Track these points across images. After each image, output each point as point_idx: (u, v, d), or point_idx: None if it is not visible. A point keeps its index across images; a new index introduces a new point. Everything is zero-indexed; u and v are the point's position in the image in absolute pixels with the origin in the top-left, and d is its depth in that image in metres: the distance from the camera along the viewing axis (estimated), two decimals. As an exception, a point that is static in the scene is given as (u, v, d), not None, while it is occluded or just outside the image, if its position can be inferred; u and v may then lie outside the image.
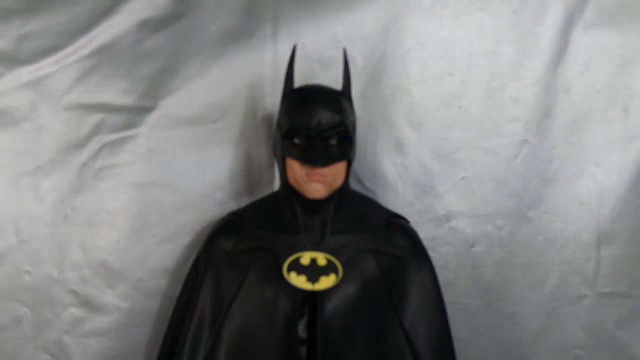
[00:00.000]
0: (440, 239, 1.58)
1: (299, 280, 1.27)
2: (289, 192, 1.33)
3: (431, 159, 1.58)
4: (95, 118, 1.56)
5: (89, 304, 1.57)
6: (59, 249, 1.57)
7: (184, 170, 1.57)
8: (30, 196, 1.56)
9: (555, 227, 1.59)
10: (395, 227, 1.38)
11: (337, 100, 1.31)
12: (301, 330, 1.28)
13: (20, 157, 1.55)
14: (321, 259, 1.29)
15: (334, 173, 1.29)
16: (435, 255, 1.49)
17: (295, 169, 1.28)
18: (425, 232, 1.48)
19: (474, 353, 1.57)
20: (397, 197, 1.57)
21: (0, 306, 1.56)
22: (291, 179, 1.31)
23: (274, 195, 1.43)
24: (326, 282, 1.27)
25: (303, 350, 1.28)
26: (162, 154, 1.57)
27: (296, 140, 1.28)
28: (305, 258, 1.29)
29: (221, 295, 1.31)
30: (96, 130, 1.56)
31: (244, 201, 1.57)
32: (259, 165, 1.61)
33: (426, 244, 1.44)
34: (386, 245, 1.33)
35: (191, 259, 1.48)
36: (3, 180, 1.55)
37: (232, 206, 1.56)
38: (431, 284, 1.35)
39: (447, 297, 1.43)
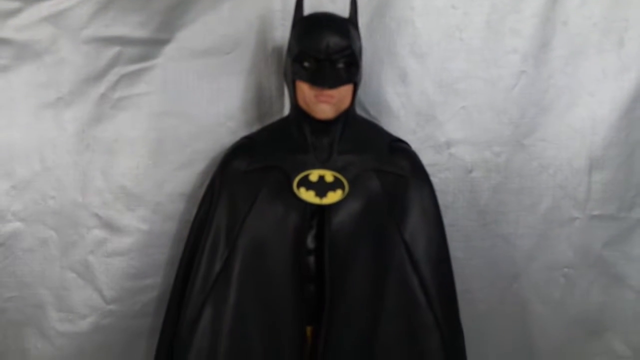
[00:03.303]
0: (441, 165, 1.66)
1: (308, 195, 1.37)
2: (299, 115, 1.41)
3: (433, 88, 1.66)
4: (112, 51, 1.62)
5: (111, 226, 1.67)
6: (81, 176, 1.66)
7: (198, 100, 1.65)
8: (52, 126, 1.64)
9: (549, 153, 1.67)
10: (398, 149, 1.47)
11: (345, 26, 1.39)
12: (310, 242, 1.39)
13: (42, 89, 1.62)
14: (329, 176, 1.38)
15: (341, 95, 1.37)
16: (435, 180, 1.56)
17: (305, 91, 1.37)
18: (426, 158, 1.55)
19: (470, 272, 1.68)
20: (400, 125, 1.64)
21: (28, 229, 1.66)
22: (301, 102, 1.40)
23: (284, 119, 1.52)
24: (333, 197, 1.37)
25: (311, 259, 1.39)
26: (177, 85, 1.64)
27: (306, 64, 1.36)
28: (314, 175, 1.39)
29: (236, 212, 1.41)
30: (114, 63, 1.63)
31: (255, 130, 1.63)
32: (269, 95, 1.69)
33: (427, 169, 1.53)
34: (389, 165, 1.42)
35: (205, 184, 1.57)
36: (26, 111, 1.62)
37: (243, 135, 1.62)
38: (430, 202, 1.45)
39: (446, 220, 1.53)
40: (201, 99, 1.65)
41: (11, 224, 1.64)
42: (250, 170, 1.43)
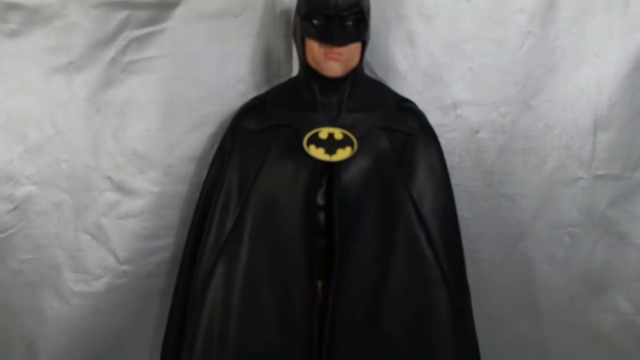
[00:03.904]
0: (447, 126, 1.68)
1: (317, 152, 1.40)
2: (308, 73, 1.44)
3: (440, 50, 1.67)
4: (121, 15, 1.64)
5: (123, 189, 1.70)
6: (93, 139, 1.69)
7: (207, 64, 1.67)
8: (64, 90, 1.66)
9: (555, 114, 1.68)
10: (406, 108, 1.50)
11: (353, -16, 1.41)
12: (320, 199, 1.43)
13: (52, 54, 1.64)
14: (338, 133, 1.42)
15: (350, 53, 1.39)
16: (442, 141, 1.57)
17: (314, 49, 1.39)
18: (433, 119, 1.58)
19: (476, 231, 1.70)
20: (407, 87, 1.65)
21: (42, 193, 1.69)
22: (310, 60, 1.42)
23: (293, 79, 1.55)
24: (342, 154, 1.40)
25: (321, 216, 1.43)
26: (186, 48, 1.66)
27: (315, 22, 1.38)
28: (324, 133, 1.42)
29: (247, 170, 1.45)
30: (123, 27, 1.65)
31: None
32: (277, 58, 1.71)
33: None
34: (397, 124, 1.45)
35: (216, 146, 1.61)
36: (38, 75, 1.65)
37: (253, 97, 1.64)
38: (438, 160, 1.48)
39: (453, 180, 1.56)
40: (210, 62, 1.67)
41: (25, 187, 1.68)
42: (260, 130, 1.46)
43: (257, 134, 1.45)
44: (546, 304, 1.75)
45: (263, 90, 1.67)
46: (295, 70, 1.61)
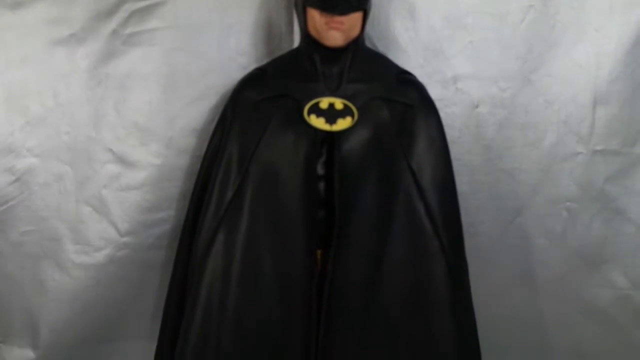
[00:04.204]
0: (447, 99, 1.68)
1: (318, 122, 1.41)
2: (309, 43, 1.45)
3: (441, 23, 1.67)
4: (123, -14, 1.66)
5: (124, 161, 1.71)
6: (94, 111, 1.69)
7: (209, 36, 1.68)
8: (65, 62, 1.67)
9: (554, 89, 1.69)
10: (406, 80, 1.51)
11: (355, -48, 1.41)
12: (320, 168, 1.43)
13: (54, 26, 1.64)
14: (338, 103, 1.42)
15: (351, 23, 1.40)
16: (442, 115, 1.57)
17: (316, 18, 1.39)
18: (433, 93, 1.57)
19: (474, 205, 1.72)
20: (408, 60, 1.65)
21: (43, 165, 1.70)
22: (311, 29, 1.43)
23: (294, 50, 1.55)
24: (343, 123, 1.41)
25: (321, 185, 1.44)
26: (188, 21, 1.66)
27: (316, -10, 1.39)
28: (324, 103, 1.42)
29: (247, 140, 1.45)
30: (124, -1, 1.67)
31: (266, 64, 1.69)
32: (279, 31, 1.71)
33: (433, 103, 1.57)
34: (398, 95, 1.46)
35: (217, 119, 1.60)
36: (39, 48, 1.65)
37: (254, 70, 1.69)
38: (437, 132, 1.49)
39: (452, 154, 1.56)
40: (212, 35, 1.67)
41: (26, 159, 1.69)
42: (261, 100, 1.46)
43: (258, 104, 1.46)
44: (543, 278, 1.76)
45: (264, 62, 1.65)
46: (296, 43, 1.61)
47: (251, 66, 1.66)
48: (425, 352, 1.45)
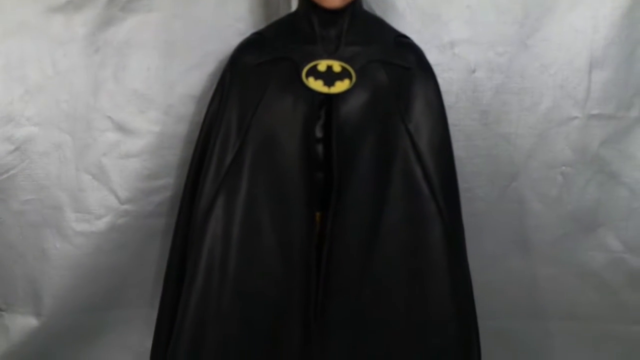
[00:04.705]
0: (444, 64, 1.68)
1: (316, 84, 1.41)
2: (307, 7, 1.44)
3: (438, -12, 1.69)
4: (120, -48, 1.65)
5: (123, 129, 1.71)
6: (93, 79, 1.69)
7: (206, 2, 1.67)
8: (63, 30, 1.66)
9: (551, 54, 1.69)
10: (404, 44, 1.51)
11: None
12: (318, 131, 1.44)
13: (51, -8, 1.65)
14: (336, 66, 1.43)
15: (349, -16, 1.41)
16: (439, 80, 1.57)
17: (314, -21, 1.40)
18: (430, 58, 1.57)
19: (471, 170, 1.73)
20: (405, 25, 1.64)
21: (42, 133, 1.71)
22: (309, -10, 1.43)
23: (292, 14, 1.55)
24: (341, 86, 1.41)
25: (319, 148, 1.45)
26: (186, -14, 1.68)
27: (314, -50, 1.39)
28: (322, 65, 1.43)
29: (246, 104, 1.46)
30: (122, -36, 1.65)
31: (263, 30, 1.69)
32: (276, -4, 1.73)
33: (430, 68, 1.57)
34: (395, 58, 1.46)
35: (215, 85, 1.59)
36: (36, 15, 1.64)
37: (252, 37, 1.68)
38: (435, 95, 1.49)
39: (449, 120, 1.56)
40: (209, 1, 1.67)
41: (26, 128, 1.69)
42: (259, 64, 1.46)
43: (256, 67, 1.46)
44: (538, 241, 1.78)
45: (262, 28, 1.65)
46: (294, 8, 1.58)
47: (249, 32, 1.65)
48: (422, 311, 1.47)
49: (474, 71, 1.70)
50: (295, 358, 1.46)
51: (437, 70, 1.58)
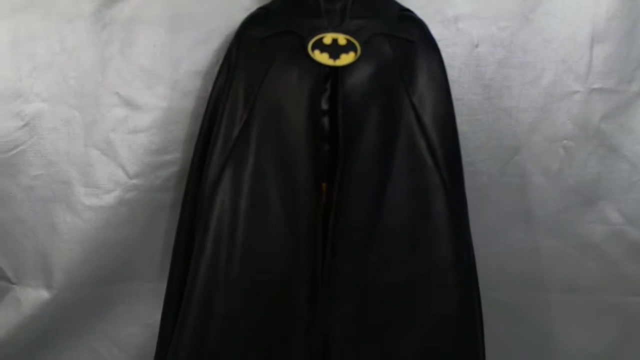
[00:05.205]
0: (448, 39, 1.71)
1: (322, 57, 1.43)
2: (312, -20, 1.47)
3: (441, -37, 1.70)
4: None
5: (130, 104, 1.74)
6: (100, 55, 1.71)
7: (212, -23, 1.70)
8: (70, 6, 1.68)
9: (553, 28, 1.71)
10: (408, 17, 1.53)
11: None
12: (324, 103, 1.46)
13: (57, -29, 1.66)
14: (341, 39, 1.45)
15: (354, -43, 1.42)
16: (442, 55, 1.58)
17: (319, -48, 1.41)
18: (434, 33, 1.58)
19: (474, 144, 1.76)
20: (409, 0, 1.65)
21: (51, 109, 1.73)
22: (314, -35, 1.44)
23: (297, -12, 1.58)
24: (346, 58, 1.44)
25: (325, 120, 1.47)
26: (191, -38, 1.69)
27: None
28: (328, 38, 1.45)
29: (253, 77, 1.48)
30: (127, -58, 1.66)
31: (269, 4, 1.70)
32: (282, -29, 1.73)
33: (434, 43, 1.58)
34: (400, 31, 1.48)
35: (221, 60, 1.61)
36: (44, -9, 1.67)
37: (257, 12, 1.68)
38: (438, 68, 1.51)
39: (452, 94, 1.57)
40: (215, -25, 1.70)
41: (34, 104, 1.72)
42: (264, 37, 1.48)
43: (262, 41, 1.48)
44: (539, 214, 1.81)
45: (267, 2, 1.67)
46: (299, -17, 1.63)
47: (254, 7, 1.66)
48: (426, 281, 1.49)
49: (477, 46, 1.72)
50: (302, 326, 1.49)
51: (440, 45, 1.59)
